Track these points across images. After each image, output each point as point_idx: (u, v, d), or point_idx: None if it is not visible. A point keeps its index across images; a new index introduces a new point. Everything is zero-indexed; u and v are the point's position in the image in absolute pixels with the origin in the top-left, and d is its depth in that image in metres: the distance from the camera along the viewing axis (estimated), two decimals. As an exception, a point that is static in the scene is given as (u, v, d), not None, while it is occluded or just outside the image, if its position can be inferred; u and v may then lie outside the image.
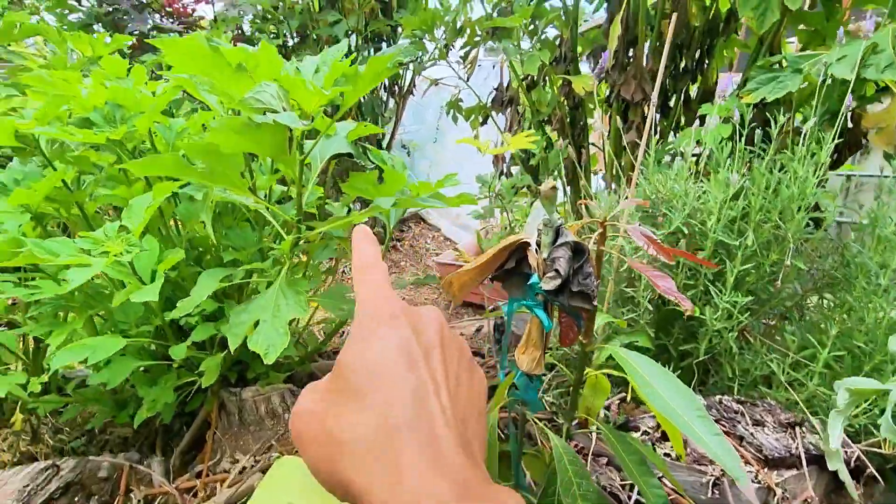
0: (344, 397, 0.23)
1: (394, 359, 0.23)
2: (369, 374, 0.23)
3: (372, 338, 0.24)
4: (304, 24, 2.25)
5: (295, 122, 0.51)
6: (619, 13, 1.22)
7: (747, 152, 1.02)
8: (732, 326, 0.91)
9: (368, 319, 0.25)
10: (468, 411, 0.25)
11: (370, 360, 0.23)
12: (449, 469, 0.20)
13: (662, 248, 0.38)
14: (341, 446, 0.21)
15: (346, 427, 0.22)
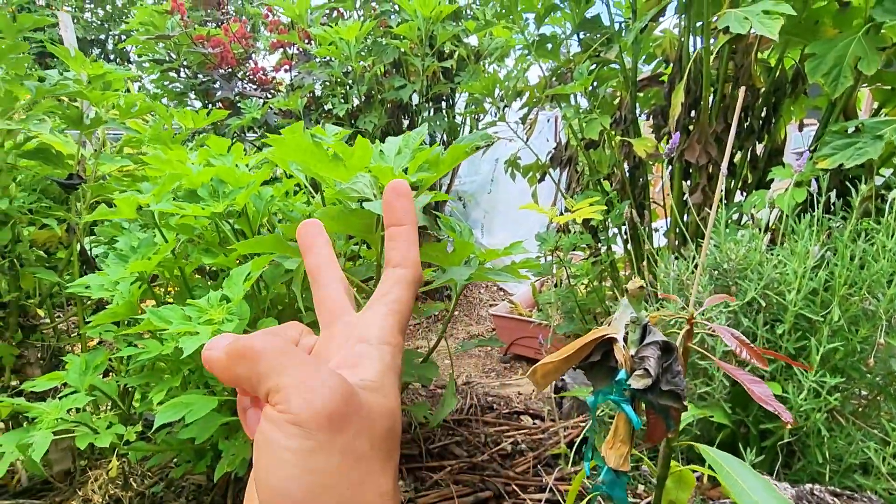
0: None
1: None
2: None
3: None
4: (371, 87, 2.42)
5: (388, 211, 0.56)
6: (681, 82, 1.24)
7: (826, 219, 0.99)
8: (821, 407, 0.85)
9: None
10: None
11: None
12: None
13: (756, 353, 0.38)
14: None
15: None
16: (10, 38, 1.05)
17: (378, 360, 0.23)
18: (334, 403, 0.19)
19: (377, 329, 0.25)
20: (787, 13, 0.98)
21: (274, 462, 0.19)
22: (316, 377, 0.20)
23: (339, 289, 0.28)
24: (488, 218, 3.54)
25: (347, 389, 0.20)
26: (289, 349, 0.20)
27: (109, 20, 4.15)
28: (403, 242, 0.27)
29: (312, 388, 0.19)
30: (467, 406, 1.38)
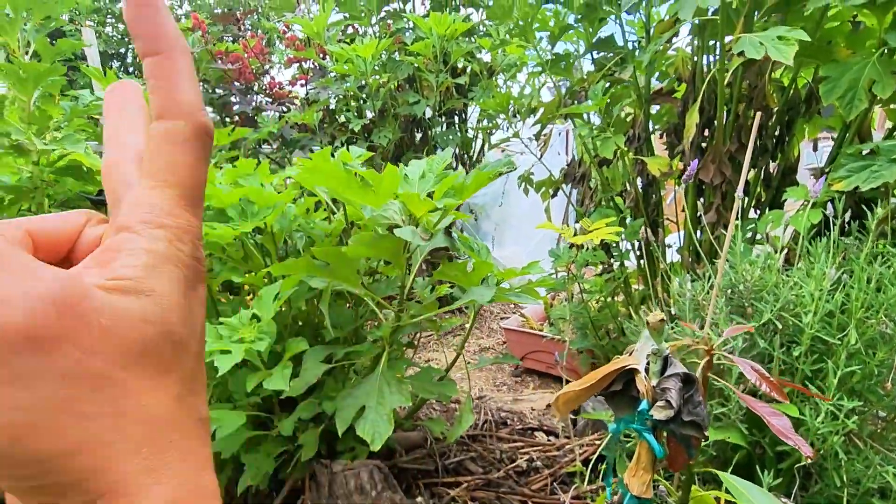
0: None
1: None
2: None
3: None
4: (385, 102, 2.47)
5: (416, 238, 0.58)
6: (695, 102, 1.26)
7: (842, 242, 0.99)
8: (838, 430, 0.86)
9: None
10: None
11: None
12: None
13: (775, 386, 0.39)
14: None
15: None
16: (48, 61, 1.10)
17: (143, 250, 0.18)
18: (38, 317, 0.14)
19: (145, 209, 0.18)
20: (801, 38, 1.00)
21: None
22: (16, 284, 0.15)
23: (129, 157, 0.20)
24: (499, 230, 3.56)
25: (64, 295, 0.15)
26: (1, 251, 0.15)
27: (130, 34, 4.27)
28: (166, 81, 0.20)
29: (5, 299, 0.14)
30: (481, 421, 1.39)
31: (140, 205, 0.19)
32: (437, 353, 2.39)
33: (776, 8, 1.26)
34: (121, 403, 0.16)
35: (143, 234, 0.18)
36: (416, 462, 1.13)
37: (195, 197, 0.20)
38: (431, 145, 2.54)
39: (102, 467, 0.15)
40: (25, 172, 1.13)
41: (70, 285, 0.15)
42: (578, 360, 1.69)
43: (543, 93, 1.93)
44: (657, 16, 1.63)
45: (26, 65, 0.98)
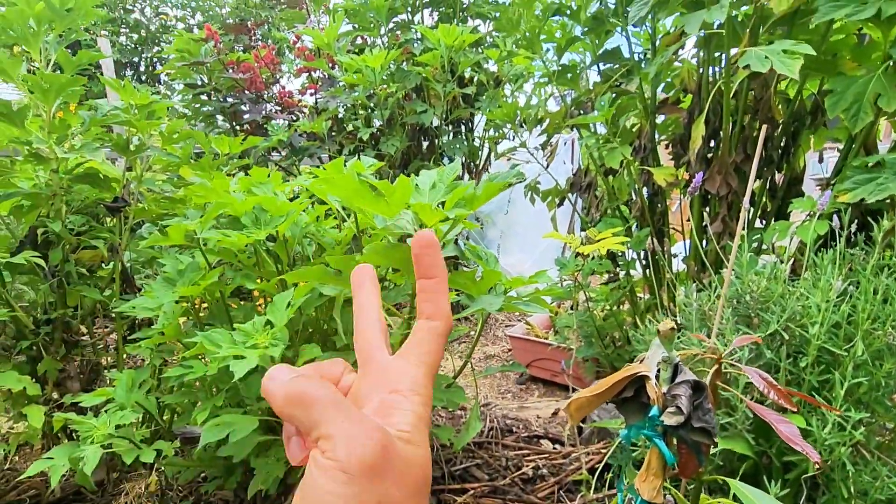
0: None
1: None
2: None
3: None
4: (393, 111, 2.50)
5: (429, 247, 0.60)
6: (700, 114, 1.28)
7: (848, 253, 1.00)
8: (845, 441, 0.86)
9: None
10: None
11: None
12: None
13: (784, 395, 0.40)
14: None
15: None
16: (68, 72, 1.13)
17: (411, 412, 0.24)
18: (375, 454, 0.21)
19: (410, 380, 0.26)
20: (806, 53, 1.01)
21: (321, 503, 0.21)
22: (361, 429, 0.22)
23: (376, 329, 0.29)
24: (504, 238, 3.57)
25: (387, 442, 0.22)
26: (339, 400, 0.23)
27: (143, 44, 4.35)
28: (435, 294, 0.28)
29: (357, 439, 0.21)
30: (487, 429, 1.40)
31: (408, 375, 0.26)
32: (443, 360, 2.40)
33: (782, 21, 1.28)
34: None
35: (409, 398, 0.25)
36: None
37: (434, 376, 0.28)
38: (438, 154, 2.57)
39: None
40: (43, 179, 1.16)
41: (387, 434, 0.22)
42: (584, 369, 1.69)
43: (550, 103, 1.95)
44: (663, 28, 1.65)
45: (48, 76, 1.01)
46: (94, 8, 1.13)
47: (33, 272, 1.16)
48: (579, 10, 1.59)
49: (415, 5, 2.60)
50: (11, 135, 1.08)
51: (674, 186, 1.45)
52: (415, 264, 0.29)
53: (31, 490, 1.27)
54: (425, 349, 0.27)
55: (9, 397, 1.12)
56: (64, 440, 1.20)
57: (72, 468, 0.79)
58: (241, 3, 3.34)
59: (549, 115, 1.77)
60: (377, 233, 0.81)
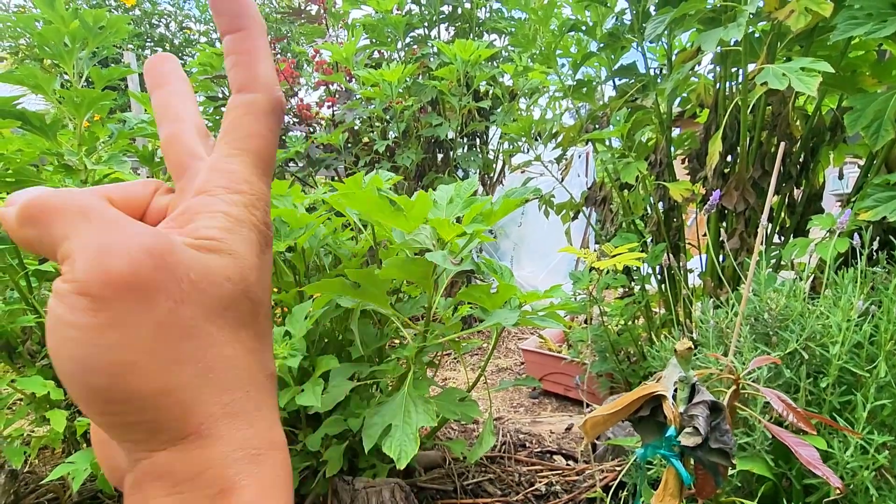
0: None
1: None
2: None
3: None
4: (408, 124, 2.53)
5: (447, 262, 0.61)
6: (718, 130, 1.27)
7: (870, 272, 0.99)
8: (868, 464, 0.84)
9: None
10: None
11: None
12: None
13: (802, 417, 0.40)
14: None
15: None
16: (99, 86, 1.17)
17: (222, 214, 0.19)
18: (135, 266, 0.16)
19: (224, 175, 0.20)
20: (825, 70, 1.01)
21: (61, 343, 0.16)
22: (112, 236, 0.16)
23: (188, 129, 0.22)
24: (517, 250, 3.57)
25: (158, 249, 0.16)
26: (92, 207, 0.17)
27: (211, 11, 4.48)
28: (247, 56, 0.21)
29: (104, 248, 0.16)
30: (499, 443, 1.39)
31: (218, 171, 0.20)
32: (454, 371, 2.40)
33: (799, 38, 1.27)
34: (206, 353, 0.17)
35: (221, 198, 0.19)
36: (435, 482, 1.14)
37: (267, 167, 0.21)
38: (453, 166, 2.59)
39: (189, 410, 0.16)
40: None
41: (162, 239, 0.17)
42: (598, 384, 1.67)
43: (565, 117, 1.96)
44: (679, 44, 1.66)
45: (81, 91, 1.05)
46: (125, 25, 1.18)
47: (59, 279, 1.19)
48: (595, 26, 1.61)
49: (432, 20, 2.64)
50: (43, 146, 1.12)
51: (690, 201, 1.44)
52: (214, 13, 0.21)
53: (49, 494, 1.29)
54: (243, 133, 0.20)
55: (32, 401, 1.15)
56: (83, 445, 1.22)
57: (92, 473, 0.81)
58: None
59: (565, 129, 1.78)
60: (393, 246, 0.83)
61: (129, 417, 0.16)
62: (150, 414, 0.16)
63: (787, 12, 1.11)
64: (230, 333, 0.18)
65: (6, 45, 3.33)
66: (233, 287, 0.18)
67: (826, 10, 1.05)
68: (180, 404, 0.16)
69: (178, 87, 0.23)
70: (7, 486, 1.15)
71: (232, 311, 0.18)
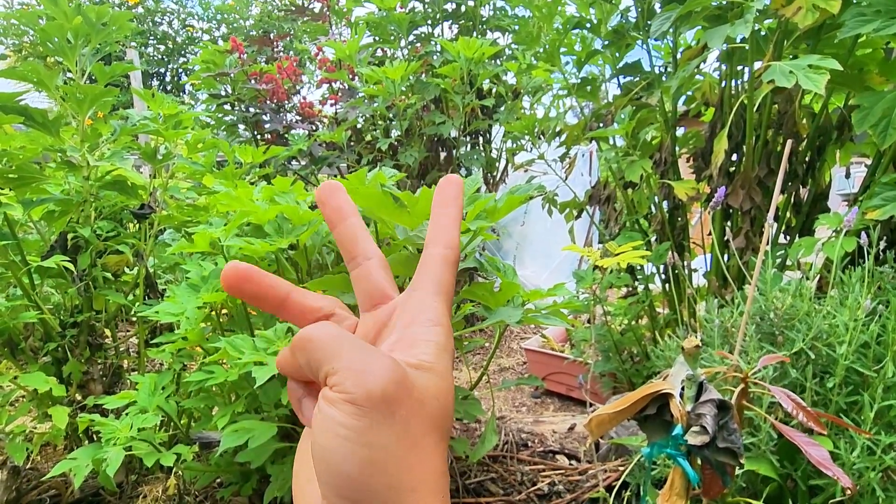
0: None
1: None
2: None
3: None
4: (411, 122, 2.52)
5: (450, 259, 0.60)
6: (723, 128, 1.26)
7: (878, 271, 0.98)
8: (875, 465, 0.83)
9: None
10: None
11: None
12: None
13: (813, 417, 0.39)
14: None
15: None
16: (102, 83, 1.17)
17: (433, 342, 0.23)
18: (387, 384, 0.20)
19: (430, 311, 0.24)
20: (832, 68, 1.00)
21: (331, 439, 0.20)
22: (369, 359, 0.20)
23: (378, 267, 0.27)
24: (520, 249, 3.56)
25: (400, 371, 0.21)
26: (343, 334, 0.21)
27: (170, 55, 4.50)
28: (450, 223, 0.27)
29: (366, 369, 0.20)
30: (502, 442, 1.38)
31: (427, 307, 0.25)
32: (457, 370, 2.39)
33: (806, 35, 1.26)
34: (425, 460, 0.21)
35: (430, 329, 0.24)
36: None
37: (451, 306, 0.27)
38: (456, 165, 2.58)
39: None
40: (74, 186, 1.19)
41: (399, 363, 0.21)
42: (601, 384, 1.67)
43: (569, 115, 1.95)
44: (684, 41, 1.65)
45: (84, 87, 1.05)
46: (127, 22, 1.18)
47: (61, 276, 1.19)
48: (600, 23, 1.60)
49: (435, 18, 2.63)
50: (46, 143, 1.12)
51: (694, 200, 1.43)
52: (435, 196, 0.28)
53: (51, 490, 1.30)
54: (441, 279, 0.26)
55: (34, 397, 1.15)
56: (85, 441, 1.22)
57: (94, 469, 0.81)
58: (264, 15, 3.43)
59: (568, 127, 1.77)
60: (396, 243, 0.82)
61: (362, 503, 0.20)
62: (377, 502, 0.20)
63: (795, 9, 1.10)
64: (436, 445, 0.22)
65: (10, 43, 3.33)
66: (440, 405, 0.22)
67: (834, 7, 1.03)
68: (405, 501, 0.20)
69: (357, 221, 0.28)
70: (9, 482, 1.15)
71: (439, 426, 0.22)
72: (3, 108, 0.94)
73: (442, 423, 0.22)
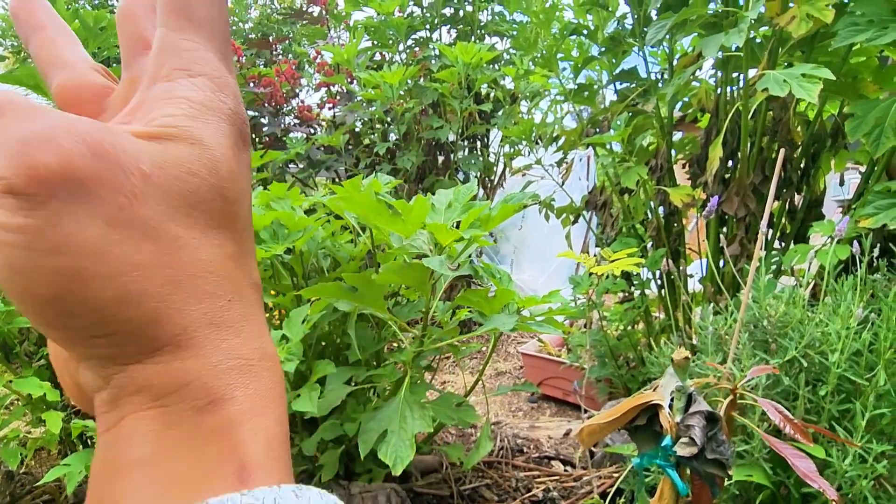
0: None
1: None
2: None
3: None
4: (409, 126, 2.53)
5: (444, 268, 0.60)
6: (718, 135, 1.27)
7: (871, 279, 0.98)
8: (867, 474, 0.83)
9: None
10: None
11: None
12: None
13: (800, 429, 0.40)
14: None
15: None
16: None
17: (185, 100, 0.16)
18: (65, 155, 0.13)
19: (179, 55, 0.17)
20: (826, 77, 1.01)
21: (2, 254, 0.13)
22: (38, 126, 0.14)
23: (144, 3, 0.20)
24: (518, 253, 3.57)
25: (98, 139, 0.14)
26: (6, 99, 0.14)
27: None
28: None
29: (30, 140, 0.13)
30: (497, 448, 1.38)
31: (171, 50, 0.17)
32: (452, 375, 2.39)
33: (800, 44, 1.27)
34: (174, 256, 0.15)
35: (181, 82, 0.16)
36: (431, 487, 1.13)
37: (227, 52, 0.18)
38: (454, 169, 2.59)
39: (160, 318, 0.15)
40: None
41: (98, 126, 0.14)
42: (597, 389, 1.67)
43: (566, 120, 1.96)
44: (680, 48, 1.66)
45: (81, 91, 1.05)
46: (126, 26, 1.18)
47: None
48: (597, 30, 1.61)
49: (433, 23, 2.64)
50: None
51: (690, 206, 1.44)
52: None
53: (45, 495, 1.29)
54: (200, 15, 0.17)
55: (28, 402, 1.15)
56: (79, 446, 1.22)
57: (87, 475, 0.80)
58: (263, 19, 3.44)
59: (565, 132, 1.78)
60: (391, 251, 0.82)
61: (89, 331, 0.14)
62: (113, 325, 0.14)
63: (789, 18, 1.11)
64: (201, 235, 0.16)
65: (8, 45, 3.34)
66: (199, 182, 0.16)
67: (828, 17, 1.04)
68: (147, 313, 0.14)
69: (56, 30, 0.20)
70: (3, 487, 1.15)
71: (201, 209, 0.16)
72: (0, 113, 0.94)
73: (211, 206, 0.16)
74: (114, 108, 0.19)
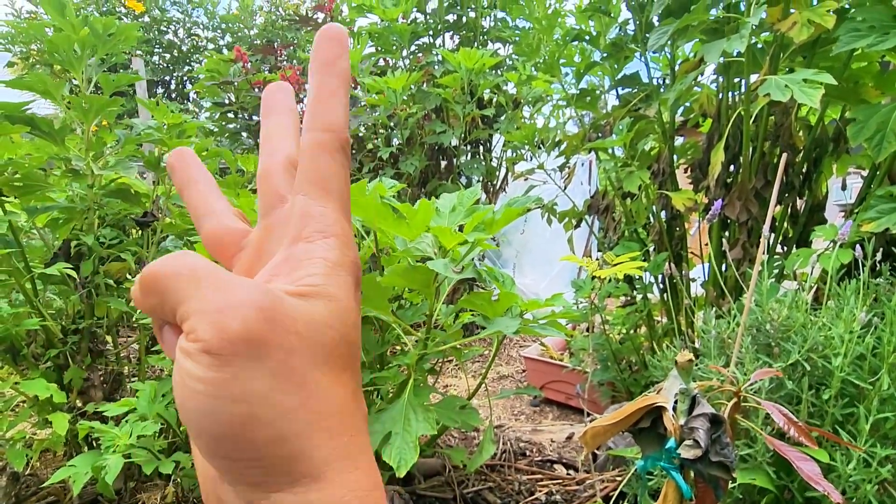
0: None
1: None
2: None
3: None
4: (412, 131, 2.55)
5: (448, 271, 0.61)
6: (720, 140, 1.28)
7: (874, 283, 0.98)
8: (871, 478, 0.83)
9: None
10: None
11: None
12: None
13: (803, 431, 0.40)
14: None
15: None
16: (108, 93, 1.18)
17: (321, 259, 0.19)
18: (250, 324, 0.17)
19: (315, 219, 0.20)
20: (827, 82, 1.02)
21: (189, 396, 0.17)
22: (229, 297, 0.17)
23: (279, 166, 0.23)
24: (520, 257, 3.57)
25: (268, 304, 0.17)
26: (199, 266, 0.18)
27: (175, 63, 4.55)
28: (332, 96, 0.21)
29: (222, 310, 0.17)
30: (500, 451, 1.39)
31: (310, 216, 0.20)
32: (455, 378, 2.39)
33: (802, 49, 1.28)
34: (315, 399, 0.18)
35: (318, 244, 0.20)
36: (434, 490, 1.13)
37: (346, 204, 0.21)
38: (456, 173, 2.60)
39: (304, 455, 0.17)
40: (78, 194, 1.21)
41: (270, 295, 0.17)
42: (599, 393, 1.67)
43: (568, 125, 1.97)
44: (682, 53, 1.67)
45: (90, 97, 1.06)
46: (134, 33, 1.20)
47: (64, 282, 1.20)
48: (599, 35, 1.62)
49: (436, 29, 2.66)
50: (51, 152, 1.13)
51: (692, 211, 1.44)
52: (314, 59, 0.21)
53: (50, 497, 1.30)
54: (325, 173, 0.20)
55: (35, 404, 1.15)
56: (85, 448, 1.23)
57: (93, 476, 0.81)
58: (268, 25, 3.47)
59: (568, 137, 1.79)
60: (395, 254, 0.83)
61: (247, 462, 0.17)
62: (267, 460, 0.17)
63: (790, 24, 1.11)
64: (336, 378, 0.18)
65: (17, 50, 3.38)
66: (334, 333, 0.19)
67: (829, 23, 1.05)
68: (296, 450, 0.17)
69: (282, 118, 0.24)
70: (8, 488, 1.15)
71: (335, 356, 0.19)
72: (10, 119, 0.96)
73: (341, 352, 0.19)
74: (251, 248, 0.23)
